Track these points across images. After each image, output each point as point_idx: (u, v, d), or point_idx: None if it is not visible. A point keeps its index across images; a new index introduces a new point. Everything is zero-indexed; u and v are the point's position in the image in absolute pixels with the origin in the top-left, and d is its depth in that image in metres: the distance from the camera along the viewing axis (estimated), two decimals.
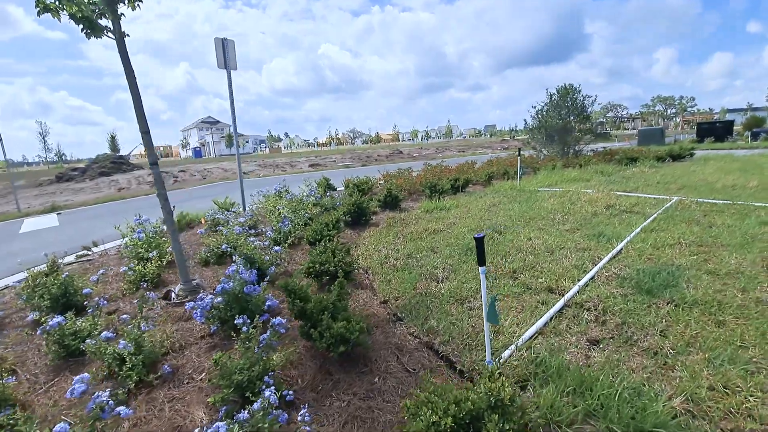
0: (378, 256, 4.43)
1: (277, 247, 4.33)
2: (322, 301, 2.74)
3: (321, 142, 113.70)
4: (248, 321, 2.53)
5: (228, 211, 7.19)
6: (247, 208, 7.41)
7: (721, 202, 5.51)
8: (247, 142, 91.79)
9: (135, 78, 3.39)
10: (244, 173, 18.89)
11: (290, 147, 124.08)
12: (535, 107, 13.21)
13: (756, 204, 5.25)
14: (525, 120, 13.55)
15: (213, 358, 2.38)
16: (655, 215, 5.00)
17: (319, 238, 4.77)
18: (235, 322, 2.52)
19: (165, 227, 6.14)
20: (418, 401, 1.68)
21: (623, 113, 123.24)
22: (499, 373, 2.27)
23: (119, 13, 3.18)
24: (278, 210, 6.02)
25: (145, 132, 3.53)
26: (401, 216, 6.24)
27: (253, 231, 5.80)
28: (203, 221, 6.49)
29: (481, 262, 2.25)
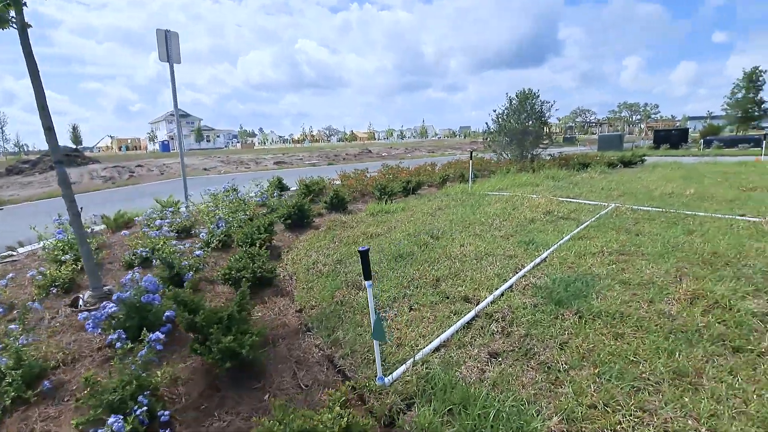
0: (307, 261, 4.29)
1: (198, 251, 4.11)
2: (217, 313, 2.58)
3: (296, 138, 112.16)
4: (124, 337, 2.34)
5: (169, 210, 6.89)
6: (190, 207, 7.10)
7: (654, 209, 5.67)
8: (218, 136, 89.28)
9: (37, 69, 3.16)
10: (205, 169, 18.31)
11: (264, 143, 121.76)
12: (495, 111, 13.38)
13: (686, 212, 5.42)
14: (487, 123, 13.69)
15: (83, 377, 2.19)
16: (588, 222, 5.08)
17: (249, 241, 4.58)
18: (109, 338, 2.33)
19: (95, 228, 5.82)
20: (263, 430, 1.55)
21: (591, 118, 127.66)
22: (387, 391, 2.19)
23: (22, 2, 2.98)
24: (213, 211, 5.75)
25: (48, 128, 3.26)
26: (345, 218, 6.12)
27: (187, 233, 5.54)
28: (136, 221, 6.16)
29: (367, 275, 2.15)
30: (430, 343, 2.62)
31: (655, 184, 7.95)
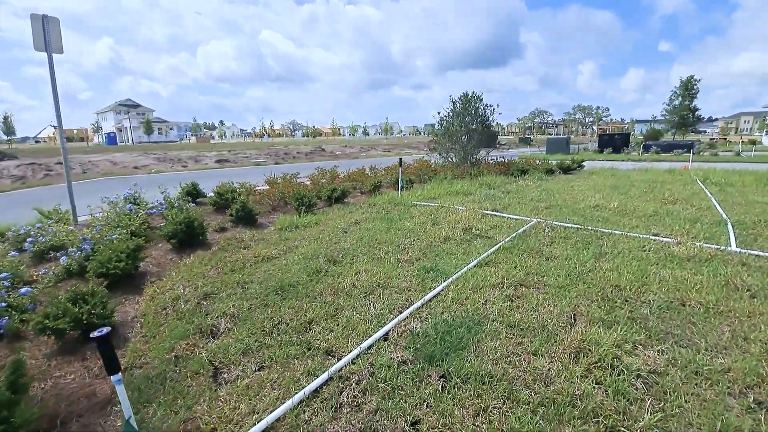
0: (168, 297, 3.62)
1: (24, 289, 3.34)
2: None
3: (257, 132, 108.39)
4: None
5: (48, 221, 5.93)
6: (82, 218, 6.16)
7: (574, 226, 5.44)
8: (171, 129, 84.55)
9: None
10: (135, 168, 16.82)
11: (223, 136, 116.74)
12: (440, 113, 13.08)
13: (604, 230, 5.20)
14: (432, 126, 13.35)
15: None
16: (502, 243, 4.73)
17: (105, 271, 3.84)
18: None
19: None
20: None
21: (549, 119, 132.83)
22: None
23: None
24: (78, 229, 4.92)
25: None
26: (247, 235, 5.45)
27: (52, 254, 4.68)
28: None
29: (112, 369, 1.57)
30: (258, 424, 2.08)
31: (584, 195, 7.85)
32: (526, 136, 73.25)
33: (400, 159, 8.18)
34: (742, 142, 33.23)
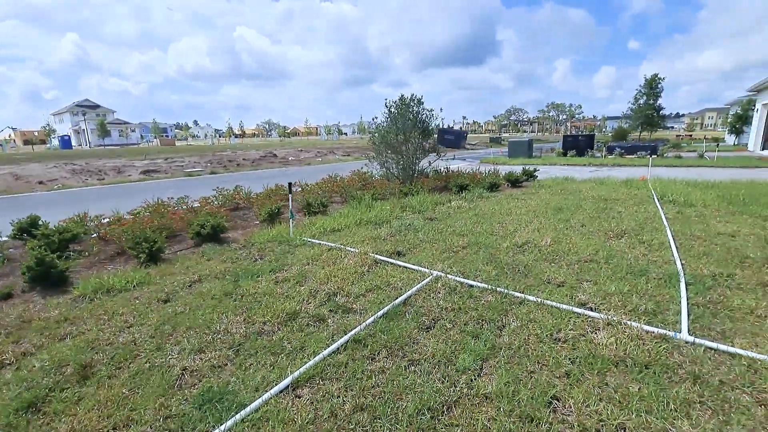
0: None
1: None
2: None
3: (235, 132, 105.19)
4: None
5: None
6: None
7: (481, 286, 4.00)
8: (133, 131, 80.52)
9: None
10: (41, 182, 14.69)
11: (191, 138, 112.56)
12: (376, 118, 11.59)
13: (516, 294, 3.78)
14: (371, 134, 11.87)
15: None
16: (359, 329, 3.23)
17: None
18: None
19: None
20: None
21: (524, 117, 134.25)
22: None
23: None
24: None
25: None
26: (22, 309, 3.79)
27: None
28: None
29: None
30: None
31: (518, 223, 6.48)
32: (497, 135, 72.97)
33: (290, 185, 6.54)
34: (706, 139, 33.13)
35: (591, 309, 3.44)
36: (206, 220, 5.95)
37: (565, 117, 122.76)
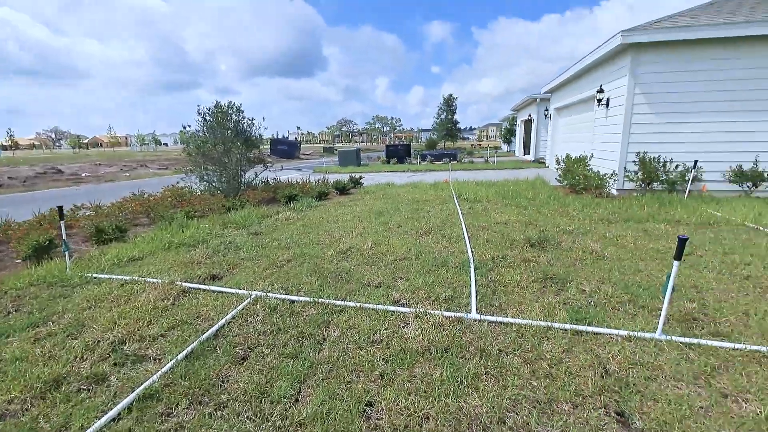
0: None
1: None
2: None
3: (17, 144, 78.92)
4: None
5: None
6: None
7: (302, 300, 3.85)
8: None
9: None
10: None
11: None
12: (189, 126, 10.34)
13: (337, 303, 3.77)
14: (185, 144, 10.52)
15: None
16: (163, 370, 2.67)
17: None
18: None
19: None
20: None
21: (354, 128, 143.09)
22: None
23: None
24: None
25: None
26: None
27: None
28: None
29: None
30: None
31: (343, 230, 6.66)
32: (330, 145, 75.84)
33: (60, 208, 5.10)
34: (489, 148, 41.89)
35: (403, 305, 3.69)
36: None
37: (388, 129, 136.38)
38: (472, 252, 5.17)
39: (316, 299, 3.81)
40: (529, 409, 2.29)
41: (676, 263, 2.86)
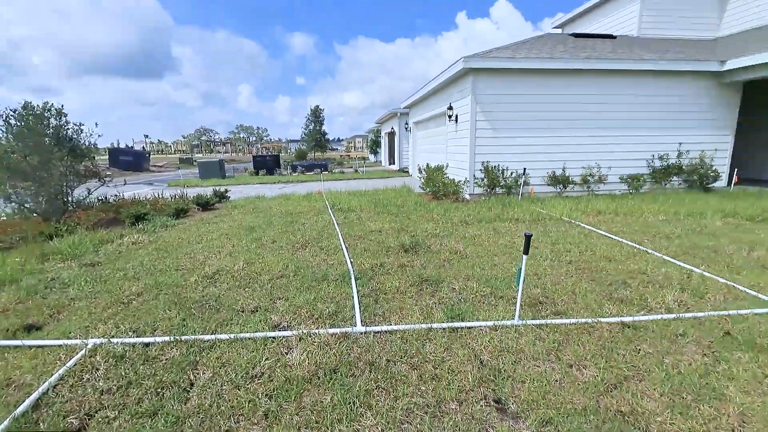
0: None
1: None
2: None
3: None
4: None
5: None
6: None
7: (163, 339, 3.25)
8: None
9: None
10: None
11: None
12: None
13: (206, 338, 3.28)
14: None
15: None
16: None
17: None
18: None
19: None
20: None
21: (216, 137, 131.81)
22: None
23: None
24: None
25: None
26: None
27: None
28: None
29: None
30: None
31: (210, 249, 5.95)
32: (188, 156, 68.34)
33: None
34: (358, 158, 43.56)
35: (284, 329, 3.42)
36: None
37: (255, 138, 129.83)
38: (351, 262, 5.16)
39: (178, 337, 3.25)
40: (421, 416, 2.32)
41: (525, 257, 3.32)
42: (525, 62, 10.24)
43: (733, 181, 11.39)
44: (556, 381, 2.62)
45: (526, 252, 3.29)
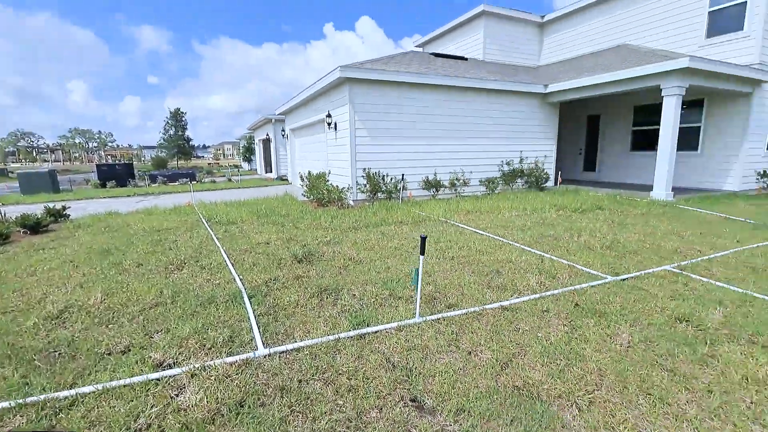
0: None
1: None
2: None
3: None
4: None
5: None
6: None
7: (3, 406, 2.45)
8: None
9: None
10: None
11: None
12: None
13: (62, 395, 2.61)
14: None
15: None
16: None
17: None
18: None
19: None
20: None
21: (41, 143, 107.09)
22: None
23: None
24: None
25: None
26: None
27: None
28: None
29: None
30: None
31: (50, 282, 4.77)
32: (2, 167, 54.33)
33: None
34: (230, 166, 40.43)
35: (170, 366, 2.94)
36: None
37: (96, 145, 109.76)
38: (241, 279, 4.74)
39: (20, 401, 2.50)
40: (344, 431, 2.25)
41: (421, 257, 3.53)
42: (396, 75, 10.95)
43: (558, 181, 14.16)
44: (460, 369, 2.85)
45: (422, 252, 3.49)
